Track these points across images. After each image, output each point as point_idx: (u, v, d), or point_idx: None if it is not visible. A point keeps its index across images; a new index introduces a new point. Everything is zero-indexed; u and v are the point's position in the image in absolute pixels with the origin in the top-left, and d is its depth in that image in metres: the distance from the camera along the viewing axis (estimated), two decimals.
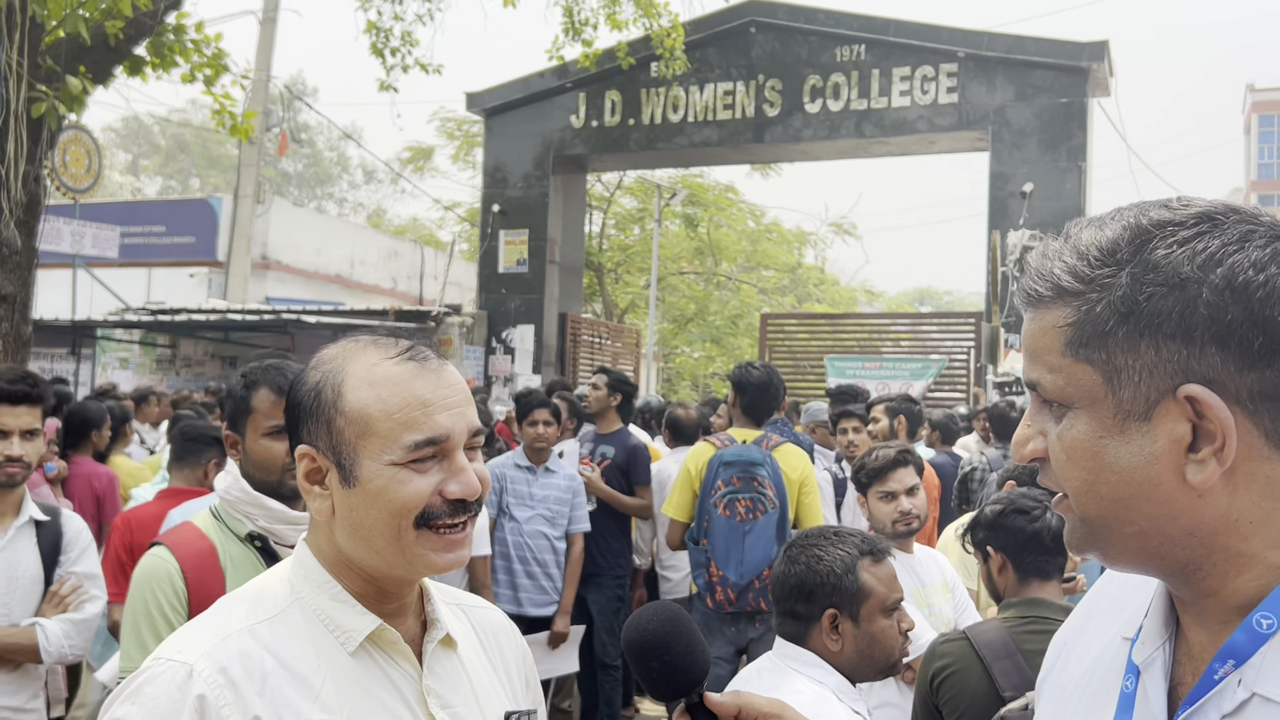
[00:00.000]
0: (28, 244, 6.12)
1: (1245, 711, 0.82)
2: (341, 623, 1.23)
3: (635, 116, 13.61)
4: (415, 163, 24.25)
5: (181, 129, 45.74)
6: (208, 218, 18.63)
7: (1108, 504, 0.87)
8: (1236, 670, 0.83)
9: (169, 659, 1.17)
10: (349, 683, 1.21)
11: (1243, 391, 0.82)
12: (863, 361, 12.41)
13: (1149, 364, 0.84)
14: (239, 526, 2.07)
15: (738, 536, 4.43)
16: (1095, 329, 0.86)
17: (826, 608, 2.14)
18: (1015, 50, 12.04)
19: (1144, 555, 0.89)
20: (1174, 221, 0.86)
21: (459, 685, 1.30)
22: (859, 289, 28.84)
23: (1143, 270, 0.84)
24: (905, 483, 3.38)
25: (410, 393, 1.23)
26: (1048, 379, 0.90)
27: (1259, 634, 0.83)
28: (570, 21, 9.99)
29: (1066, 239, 0.91)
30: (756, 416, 4.72)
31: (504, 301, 13.93)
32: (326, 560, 1.27)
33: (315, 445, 1.25)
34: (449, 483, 1.22)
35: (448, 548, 1.23)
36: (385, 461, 1.21)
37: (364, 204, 48.74)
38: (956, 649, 2.54)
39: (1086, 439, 0.87)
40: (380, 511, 1.21)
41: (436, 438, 1.21)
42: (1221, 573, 0.86)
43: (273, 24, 15.24)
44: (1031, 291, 0.92)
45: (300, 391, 1.28)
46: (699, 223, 22.20)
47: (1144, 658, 0.92)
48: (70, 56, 6.10)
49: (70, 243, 12.63)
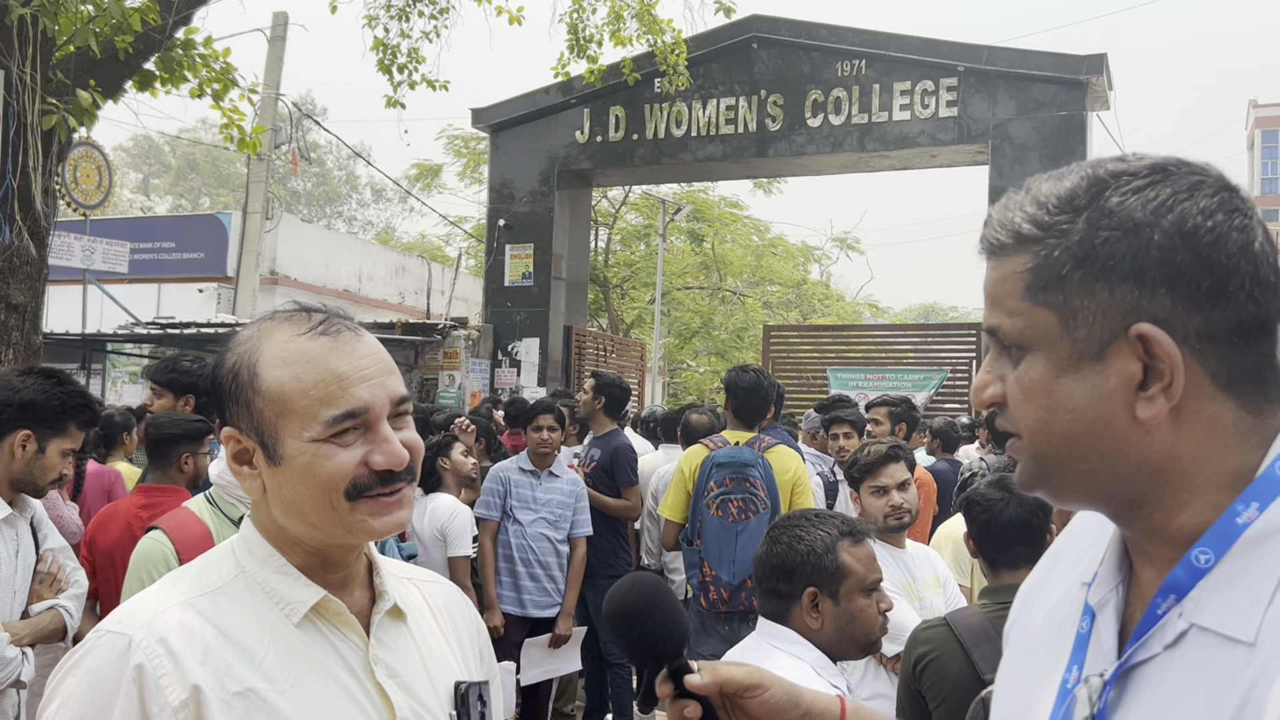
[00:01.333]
0: (39, 255, 6.22)
1: (1184, 642, 0.85)
2: (286, 595, 1.24)
3: (639, 132, 13.72)
4: (423, 180, 24.45)
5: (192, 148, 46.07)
6: (217, 233, 18.80)
7: (1060, 441, 0.91)
8: (1178, 604, 0.87)
9: (109, 630, 1.17)
10: (293, 653, 1.21)
11: (1190, 332, 0.86)
12: (865, 373, 12.47)
13: (1103, 305, 0.88)
14: (232, 510, 2.15)
15: (730, 537, 4.49)
16: (1053, 273, 0.90)
17: (807, 586, 2.21)
18: (1015, 64, 12.13)
19: (1093, 492, 0.93)
20: (1128, 172, 0.90)
21: (408, 656, 1.30)
22: (864, 304, 28.89)
23: (1098, 216, 0.89)
24: (896, 477, 3.44)
25: (325, 368, 1.22)
26: (1007, 323, 0.94)
27: (1197, 568, 0.86)
28: (575, 38, 10.09)
29: (1027, 191, 0.95)
30: (748, 419, 4.79)
31: (509, 315, 14.02)
32: (269, 535, 1.27)
33: (238, 426, 1.26)
34: (374, 454, 1.22)
35: (384, 511, 1.23)
36: (306, 439, 1.21)
37: (373, 222, 49.05)
38: (937, 635, 2.61)
39: (1042, 378, 0.91)
40: (308, 488, 1.21)
41: (355, 410, 1.21)
42: (1166, 509, 0.90)
43: (281, 42, 15.40)
44: (993, 240, 0.96)
45: (219, 374, 1.28)
46: (704, 238, 22.30)
47: (1098, 599, 0.95)
48: (80, 71, 6.21)
49: (81, 257, 12.76)
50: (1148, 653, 0.88)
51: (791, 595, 2.22)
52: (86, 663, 1.15)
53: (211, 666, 1.16)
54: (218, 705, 1.14)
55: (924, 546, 3.71)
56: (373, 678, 1.25)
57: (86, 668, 1.15)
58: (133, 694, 1.12)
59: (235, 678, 1.16)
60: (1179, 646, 0.86)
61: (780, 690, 1.16)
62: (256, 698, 1.16)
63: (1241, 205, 0.88)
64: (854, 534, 2.28)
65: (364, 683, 1.24)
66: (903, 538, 3.50)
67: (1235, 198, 0.89)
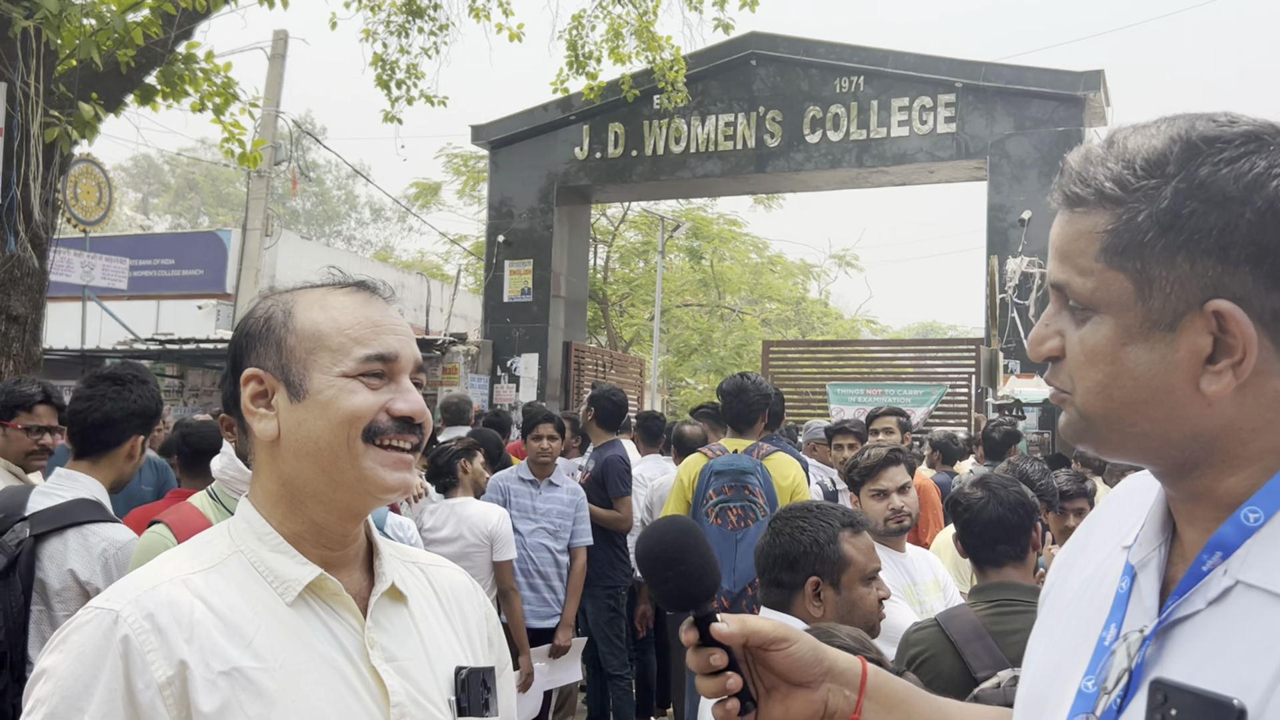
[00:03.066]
0: (40, 267, 6.24)
1: (1229, 598, 0.85)
2: (281, 573, 1.22)
3: (638, 148, 13.79)
4: (422, 198, 24.53)
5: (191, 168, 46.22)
6: (217, 251, 18.84)
7: (1117, 406, 0.90)
8: (1224, 561, 0.86)
9: (96, 607, 1.16)
10: (285, 633, 1.19)
11: (1266, 311, 0.85)
12: (864, 388, 12.49)
13: (1182, 277, 0.86)
14: (234, 505, 2.15)
15: (730, 545, 4.49)
16: (1134, 238, 0.87)
17: (810, 576, 2.23)
18: (1012, 80, 12.20)
19: (1140, 453, 0.92)
20: (1222, 139, 0.87)
21: (407, 639, 1.28)
22: (862, 322, 28.94)
23: (1189, 186, 0.85)
24: (897, 481, 3.44)
25: (361, 313, 1.27)
26: (1077, 281, 0.91)
27: (1246, 527, 0.86)
28: (574, 55, 10.15)
29: (1111, 144, 0.92)
30: (737, 424, 4.80)
31: (509, 331, 14.05)
32: (271, 502, 1.26)
33: (263, 366, 1.27)
34: (396, 401, 1.24)
35: (396, 465, 1.24)
36: (336, 373, 1.23)
37: (372, 241, 49.13)
38: (929, 635, 2.62)
39: (1109, 343, 0.90)
40: (329, 421, 1.22)
41: (387, 354, 1.25)
42: (1215, 473, 0.89)
43: (281, 60, 15.47)
44: (1070, 193, 0.92)
45: (248, 323, 1.30)
46: (703, 255, 22.36)
47: (1140, 558, 0.95)
48: (83, 84, 6.25)
49: (80, 273, 12.78)
50: (1190, 608, 0.87)
51: (794, 585, 2.25)
52: (73, 639, 1.14)
53: (198, 644, 1.14)
54: (203, 684, 1.12)
55: (924, 550, 3.71)
56: (368, 661, 1.22)
57: (73, 644, 1.13)
58: (118, 669, 1.11)
59: (221, 656, 1.14)
60: (1223, 603, 0.85)
61: (805, 645, 1.13)
62: (243, 677, 1.14)
63: None
64: (854, 525, 2.31)
65: (358, 666, 1.22)
66: (903, 541, 3.50)
67: None
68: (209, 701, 1.12)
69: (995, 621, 2.51)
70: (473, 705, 1.29)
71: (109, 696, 1.10)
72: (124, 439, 2.82)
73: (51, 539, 2.61)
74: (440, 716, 1.26)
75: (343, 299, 1.28)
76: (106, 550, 2.61)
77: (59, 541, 2.61)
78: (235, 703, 1.13)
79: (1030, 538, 2.68)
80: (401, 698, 1.23)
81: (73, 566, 2.59)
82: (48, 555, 2.60)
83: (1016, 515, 2.67)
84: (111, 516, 2.75)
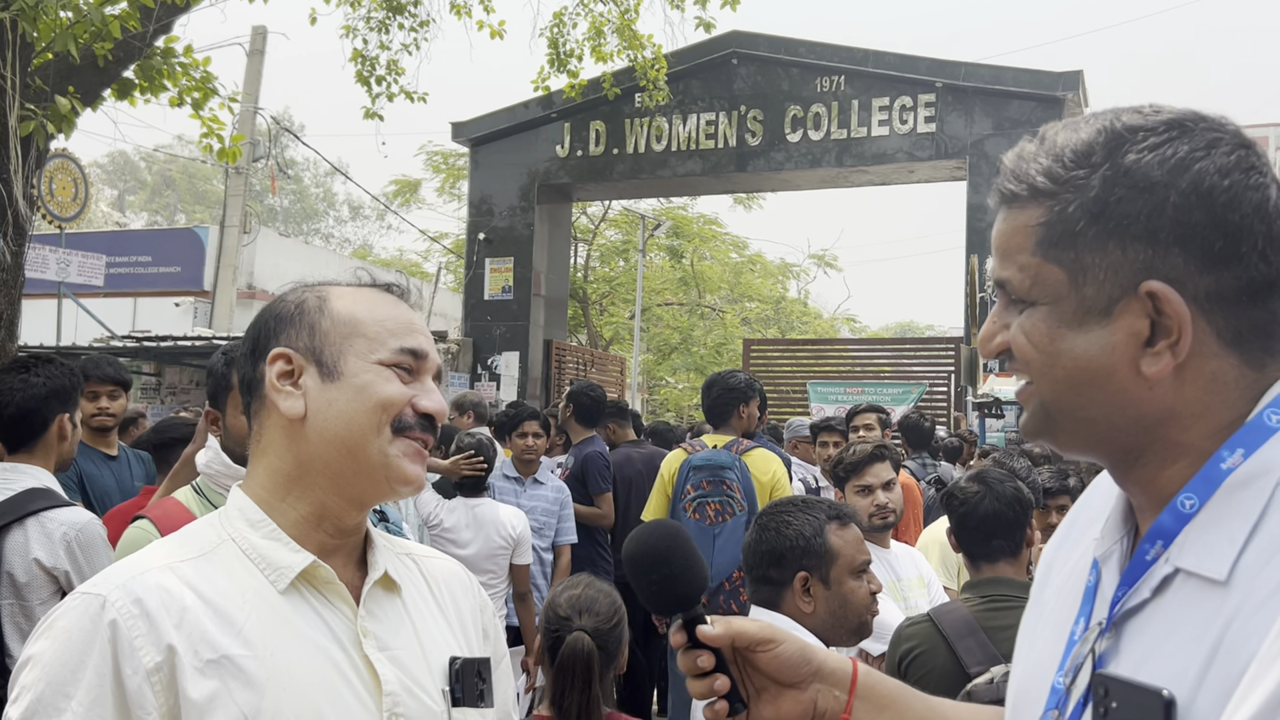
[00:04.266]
0: (15, 262, 6.16)
1: (1171, 586, 0.86)
2: (273, 560, 1.21)
3: (620, 146, 13.77)
4: (402, 195, 24.42)
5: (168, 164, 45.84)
6: (194, 248, 18.68)
7: (1062, 387, 0.92)
8: (1165, 550, 0.87)
9: (84, 592, 1.15)
10: (276, 620, 1.17)
11: (1200, 291, 0.86)
12: (844, 387, 12.52)
13: (1114, 263, 0.88)
14: (219, 499, 2.12)
15: (708, 540, 4.49)
16: (1066, 229, 0.89)
17: (798, 571, 2.22)
18: (991, 81, 12.26)
19: (1092, 441, 0.94)
20: (1146, 127, 0.89)
21: (400, 628, 1.27)
22: (842, 320, 29.03)
23: (1115, 173, 0.88)
24: (882, 477, 3.45)
25: (396, 310, 1.31)
26: (1017, 278, 0.93)
27: (1182, 514, 0.87)
28: (555, 53, 10.12)
29: (1041, 141, 0.94)
30: (712, 419, 4.84)
31: (489, 329, 14.00)
32: (278, 485, 1.25)
33: (294, 347, 1.27)
34: (422, 398, 1.26)
35: (417, 457, 1.26)
36: (373, 360, 1.25)
37: (350, 239, 48.88)
38: (921, 631, 2.61)
39: (1045, 328, 0.92)
40: (363, 404, 1.23)
41: (419, 351, 1.28)
42: (1159, 462, 0.90)
43: (260, 56, 15.37)
44: (1005, 191, 0.95)
45: (276, 307, 1.32)
46: (683, 254, 22.37)
47: (1102, 551, 0.96)
48: (59, 77, 6.18)
49: (56, 270, 12.64)
50: (1138, 598, 0.88)
51: (783, 581, 2.23)
52: (60, 624, 1.12)
53: (187, 631, 1.13)
54: (191, 671, 1.11)
55: (908, 547, 3.72)
56: (360, 650, 1.21)
57: (60, 629, 1.12)
58: (106, 654, 1.10)
59: (210, 644, 1.13)
60: (1165, 591, 0.86)
61: (793, 646, 1.15)
62: (232, 665, 1.13)
63: (1257, 163, 0.88)
64: (840, 517, 2.30)
65: (351, 655, 1.21)
66: (887, 537, 3.50)
67: (1251, 155, 0.88)
68: (198, 689, 1.11)
69: (988, 617, 2.51)
70: (467, 695, 1.28)
71: (97, 682, 1.09)
72: (48, 423, 2.81)
73: (11, 531, 2.62)
74: (434, 706, 1.25)
75: (378, 296, 1.32)
76: (67, 534, 2.63)
77: (19, 533, 2.62)
78: (225, 691, 1.12)
79: (1025, 533, 2.68)
80: (394, 687, 1.21)
81: (36, 555, 2.60)
82: (9, 548, 2.61)
83: (1012, 510, 2.67)
84: (66, 501, 2.76)
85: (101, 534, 2.70)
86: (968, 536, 2.70)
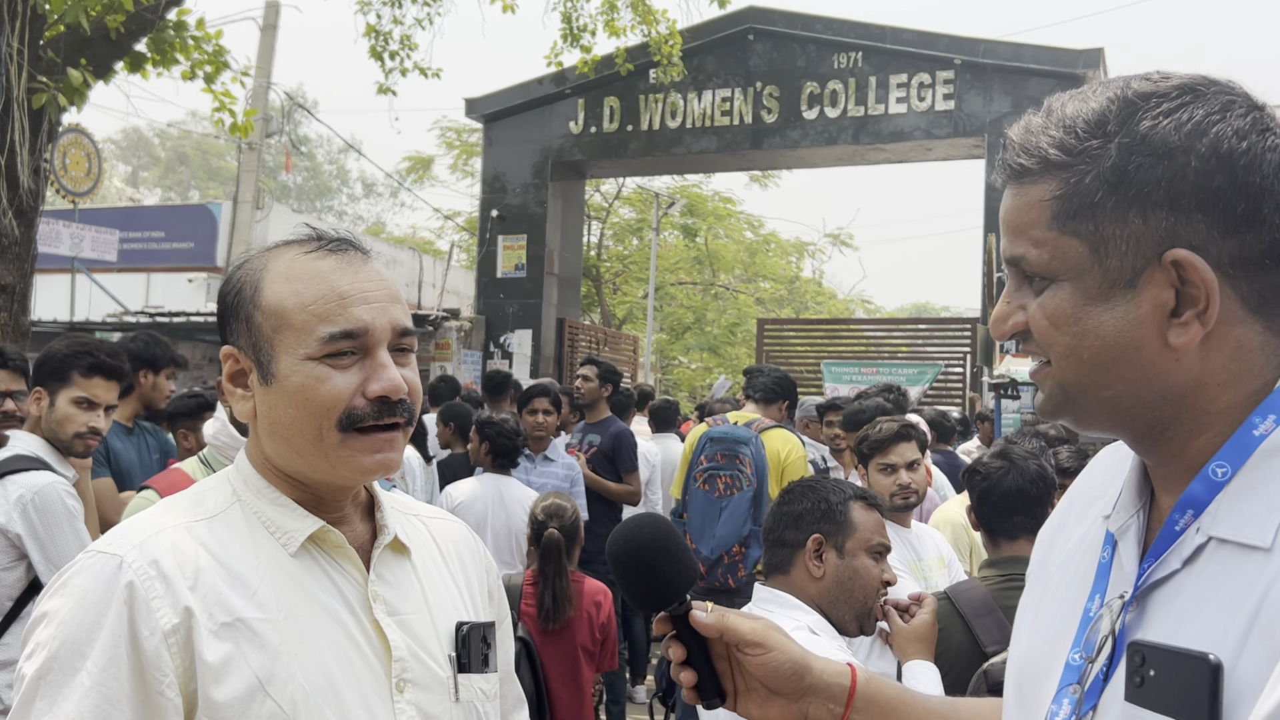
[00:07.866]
0: (26, 235, 6.15)
1: (1203, 555, 0.85)
2: (282, 524, 1.19)
3: (634, 123, 13.68)
4: (415, 172, 24.39)
5: (181, 141, 45.91)
6: (207, 223, 18.71)
7: (1088, 368, 0.90)
8: (1196, 519, 0.86)
9: (100, 551, 1.13)
10: (289, 583, 1.16)
11: (1224, 257, 0.85)
12: (859, 367, 12.45)
13: (1136, 233, 0.86)
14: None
15: (714, 511, 4.50)
16: (1083, 200, 0.87)
17: (813, 532, 2.19)
18: (1011, 58, 12.12)
19: (1115, 418, 0.91)
20: (1158, 93, 0.87)
21: (409, 593, 1.26)
22: (856, 301, 28.91)
23: (1132, 141, 0.86)
24: (906, 457, 3.40)
25: (327, 285, 1.18)
26: (1032, 253, 0.91)
27: (1214, 482, 0.86)
28: (569, 28, 10.04)
29: (1049, 113, 0.93)
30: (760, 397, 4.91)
31: (502, 306, 13.97)
32: (261, 469, 1.24)
33: (238, 345, 1.22)
34: (370, 381, 1.17)
35: (375, 448, 1.18)
36: (300, 356, 1.16)
37: (363, 217, 48.92)
38: (939, 609, 2.58)
39: (1070, 305, 0.89)
40: (299, 410, 1.16)
41: (354, 330, 1.16)
42: (1186, 433, 0.89)
43: (273, 30, 15.31)
44: (1015, 165, 0.93)
45: (224, 292, 1.25)
46: (697, 233, 22.28)
47: (1118, 526, 0.95)
48: (71, 49, 6.15)
49: (69, 245, 12.67)
50: (1166, 570, 0.87)
51: (797, 544, 2.21)
52: (75, 582, 1.11)
53: (202, 593, 1.11)
54: (207, 633, 1.10)
55: (929, 527, 3.69)
56: (370, 614, 1.20)
57: (75, 587, 1.10)
58: (123, 615, 1.08)
59: (226, 606, 1.12)
60: (1197, 560, 0.85)
61: (784, 656, 1.14)
62: (246, 628, 1.12)
63: (1272, 124, 0.87)
64: (866, 499, 2.29)
65: (361, 619, 1.20)
66: (909, 517, 3.46)
67: (1266, 116, 0.87)
68: (213, 651, 1.10)
69: (1006, 596, 2.48)
70: (473, 661, 1.28)
71: (113, 642, 1.07)
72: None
73: None
74: (440, 672, 1.24)
75: (312, 265, 1.20)
76: (24, 495, 2.73)
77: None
78: (239, 654, 1.11)
79: (1047, 512, 2.64)
80: (403, 652, 1.21)
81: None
82: None
83: (1036, 488, 2.63)
84: (42, 465, 2.86)
85: (62, 498, 2.77)
86: (989, 512, 2.66)
